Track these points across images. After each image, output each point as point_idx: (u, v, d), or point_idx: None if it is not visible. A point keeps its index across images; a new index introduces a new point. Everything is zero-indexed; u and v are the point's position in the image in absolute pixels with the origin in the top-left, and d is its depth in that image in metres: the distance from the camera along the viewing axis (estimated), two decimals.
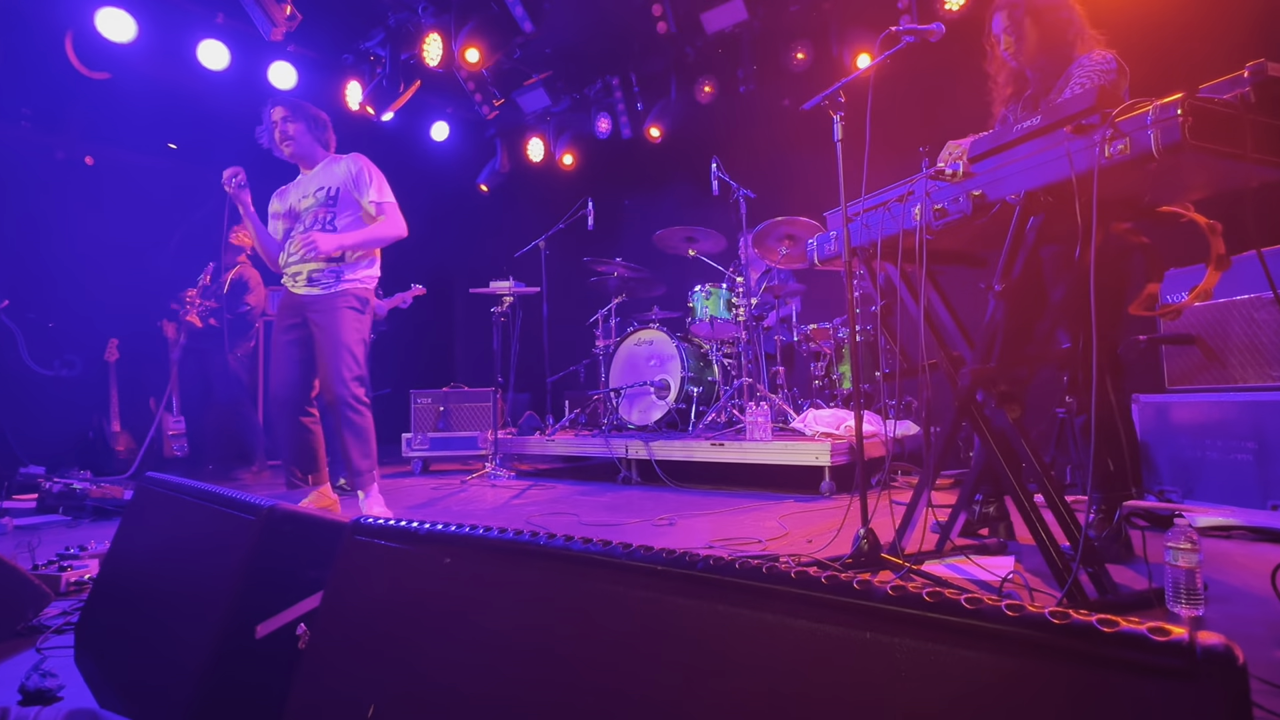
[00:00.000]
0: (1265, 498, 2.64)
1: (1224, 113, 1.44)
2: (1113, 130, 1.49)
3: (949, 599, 0.47)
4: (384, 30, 5.67)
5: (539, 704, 0.65)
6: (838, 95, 2.15)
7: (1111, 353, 2.20)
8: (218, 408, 5.01)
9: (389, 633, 0.82)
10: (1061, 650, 0.42)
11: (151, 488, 1.47)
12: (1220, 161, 1.46)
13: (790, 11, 5.29)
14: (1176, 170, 1.52)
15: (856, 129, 2.13)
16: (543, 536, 0.73)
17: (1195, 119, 1.40)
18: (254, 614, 0.98)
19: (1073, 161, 1.57)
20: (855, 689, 0.49)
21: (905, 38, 2.11)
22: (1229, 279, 2.87)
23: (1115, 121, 1.49)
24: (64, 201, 5.68)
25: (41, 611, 1.69)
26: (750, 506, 3.34)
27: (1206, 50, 3.75)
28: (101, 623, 1.36)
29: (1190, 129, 1.39)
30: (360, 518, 0.95)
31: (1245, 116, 1.44)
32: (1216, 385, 2.95)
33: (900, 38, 2.12)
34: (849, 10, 5.14)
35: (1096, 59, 2.12)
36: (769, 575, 0.55)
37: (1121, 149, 1.48)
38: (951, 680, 0.46)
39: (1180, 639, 0.38)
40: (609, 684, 0.62)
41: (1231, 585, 1.86)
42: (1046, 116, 1.62)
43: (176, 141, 6.27)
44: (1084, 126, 1.55)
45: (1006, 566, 2.03)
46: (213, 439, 5.09)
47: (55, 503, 3.42)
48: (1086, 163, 1.54)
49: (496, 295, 5.01)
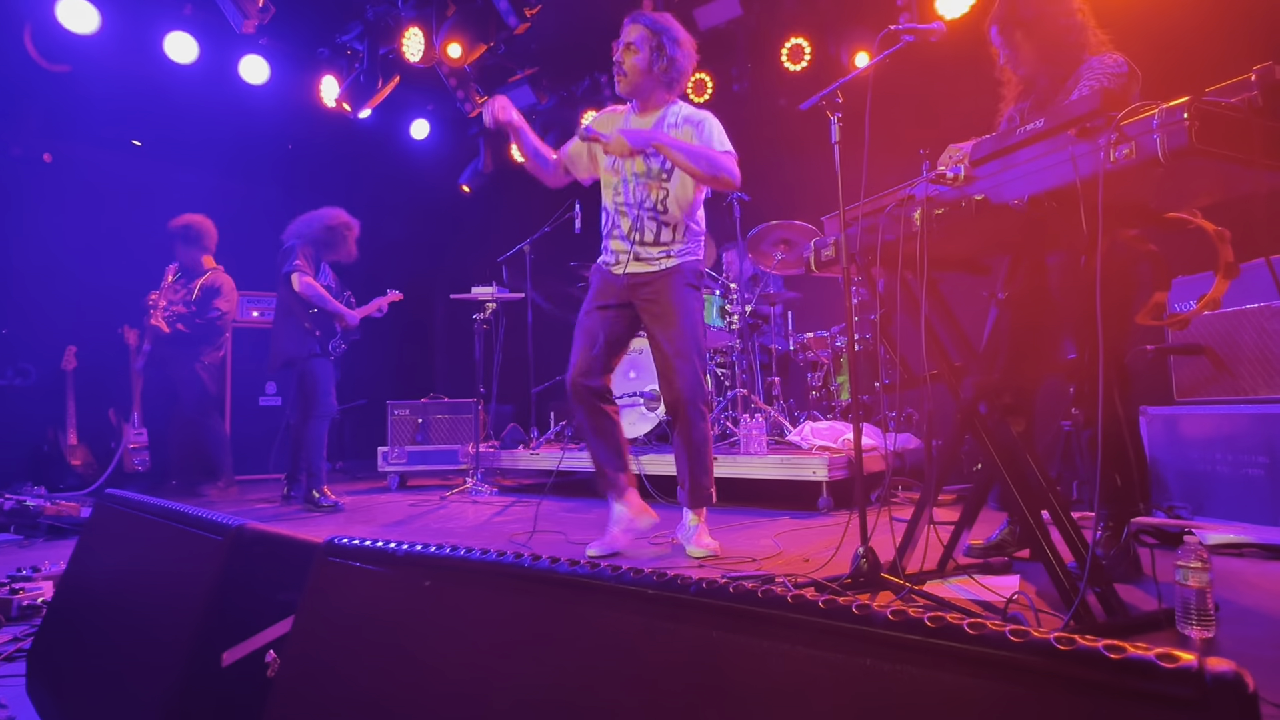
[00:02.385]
0: (1278, 514, 2.67)
1: (1231, 117, 1.46)
2: (1118, 134, 1.52)
3: (951, 624, 0.47)
4: (362, 24, 5.67)
5: None
6: (835, 95, 2.18)
7: (1119, 364, 2.23)
8: (183, 419, 4.95)
9: (364, 659, 0.82)
10: (1067, 678, 0.42)
11: (111, 505, 1.45)
12: (1228, 166, 1.48)
13: (786, 7, 5.34)
14: (1183, 175, 1.54)
15: (855, 130, 2.15)
16: (527, 558, 0.73)
17: (1202, 123, 1.42)
18: (221, 640, 0.97)
19: (1077, 166, 1.59)
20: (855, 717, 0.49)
21: (905, 37, 2.14)
22: (1238, 287, 2.92)
23: (1120, 125, 1.51)
24: (20, 201, 5.63)
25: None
26: (744, 524, 3.34)
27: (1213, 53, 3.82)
28: (56, 650, 1.34)
29: (1197, 133, 1.41)
30: (334, 538, 0.95)
31: (1253, 120, 1.46)
32: (1226, 397, 2.98)
33: (900, 37, 2.15)
34: (847, 7, 5.19)
35: (1108, 62, 2.15)
36: (764, 600, 0.55)
37: (1127, 153, 1.50)
38: (955, 709, 0.46)
39: (1189, 665, 0.39)
40: (598, 712, 0.61)
41: (1244, 606, 1.88)
42: (1050, 119, 1.64)
43: (141, 138, 6.24)
44: (1089, 130, 1.57)
45: (1011, 586, 2.04)
46: (177, 453, 5.03)
47: (6, 520, 3.37)
48: (1091, 167, 1.56)
49: (479, 301, 4.99)
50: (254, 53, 5.59)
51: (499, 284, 5.07)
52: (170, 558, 1.14)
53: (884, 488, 2.84)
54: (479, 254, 6.30)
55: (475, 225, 7.60)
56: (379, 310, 4.62)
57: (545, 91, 6.53)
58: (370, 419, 5.56)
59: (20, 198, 5.65)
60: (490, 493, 4.62)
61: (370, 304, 4.55)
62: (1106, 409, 1.85)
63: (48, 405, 5.40)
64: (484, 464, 4.84)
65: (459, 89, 6.04)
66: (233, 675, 0.97)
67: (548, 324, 6.05)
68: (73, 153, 5.89)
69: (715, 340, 4.57)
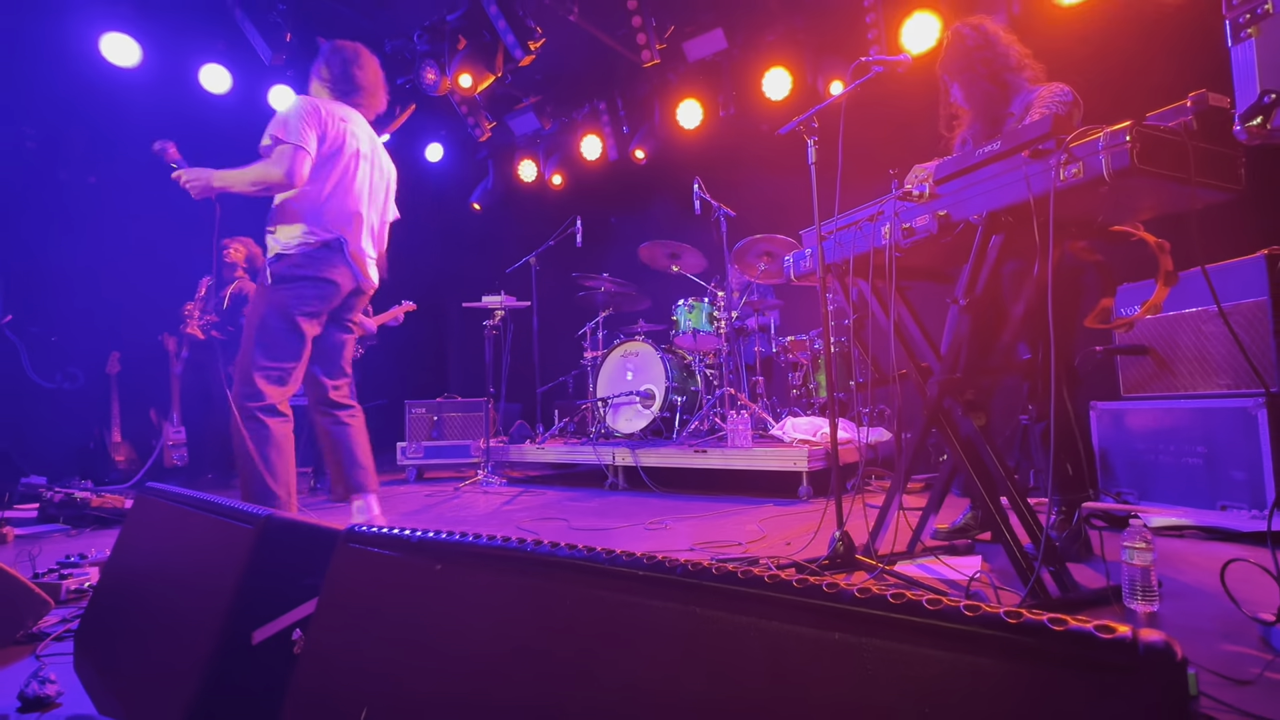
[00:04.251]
0: (1215, 499, 2.68)
1: (1169, 139, 1.48)
2: (1067, 155, 1.53)
3: (912, 600, 0.48)
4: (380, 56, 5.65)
5: (525, 703, 0.65)
6: (811, 121, 2.18)
7: (1069, 364, 2.24)
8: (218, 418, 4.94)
9: (381, 637, 0.82)
10: (1016, 647, 0.43)
11: (151, 497, 1.45)
12: (1166, 184, 1.49)
13: (767, 41, 5.36)
14: (1126, 192, 1.55)
15: (830, 152, 2.16)
16: (529, 544, 0.73)
17: (1143, 145, 1.43)
18: (251, 620, 0.97)
19: (1030, 184, 1.60)
20: (826, 685, 0.50)
21: (875, 68, 2.15)
22: (1177, 294, 2.94)
23: (1069, 147, 1.53)
24: (67, 220, 5.61)
25: (41, 619, 1.65)
26: (731, 510, 3.34)
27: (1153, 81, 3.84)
28: (101, 630, 1.33)
29: (1138, 154, 1.43)
30: (354, 526, 0.95)
31: (1189, 143, 1.48)
32: (1168, 393, 3.00)
33: (870, 67, 2.16)
34: (823, 40, 5.21)
35: (1056, 90, 2.18)
36: (744, 579, 0.55)
37: (1075, 172, 1.51)
38: (916, 676, 0.46)
39: (1124, 636, 0.39)
40: (593, 681, 0.62)
41: (1184, 582, 1.89)
42: (1006, 142, 1.65)
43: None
44: (1041, 151, 1.59)
45: (974, 566, 2.04)
46: (212, 449, 5.02)
47: (56, 512, 3.36)
48: (1043, 185, 1.57)
49: (488, 309, 5.00)
50: (282, 82, 5.58)
51: (507, 293, 5.08)
52: (204, 545, 1.13)
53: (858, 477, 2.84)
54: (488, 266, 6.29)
55: (485, 240, 7.60)
56: (395, 320, 4.61)
57: (548, 117, 6.53)
58: (390, 417, 5.54)
59: (67, 217, 5.63)
60: (500, 484, 4.62)
61: (387, 313, 4.55)
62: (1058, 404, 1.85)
63: (94, 406, 5.37)
64: (494, 457, 4.83)
65: (470, 115, 6.04)
66: (262, 652, 0.96)
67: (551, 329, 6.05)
68: (115, 175, 5.86)
69: (704, 344, 4.57)
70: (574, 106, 6.48)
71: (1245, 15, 1.20)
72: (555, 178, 6.96)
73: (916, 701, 0.46)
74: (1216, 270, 2.81)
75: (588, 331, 5.14)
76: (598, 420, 4.76)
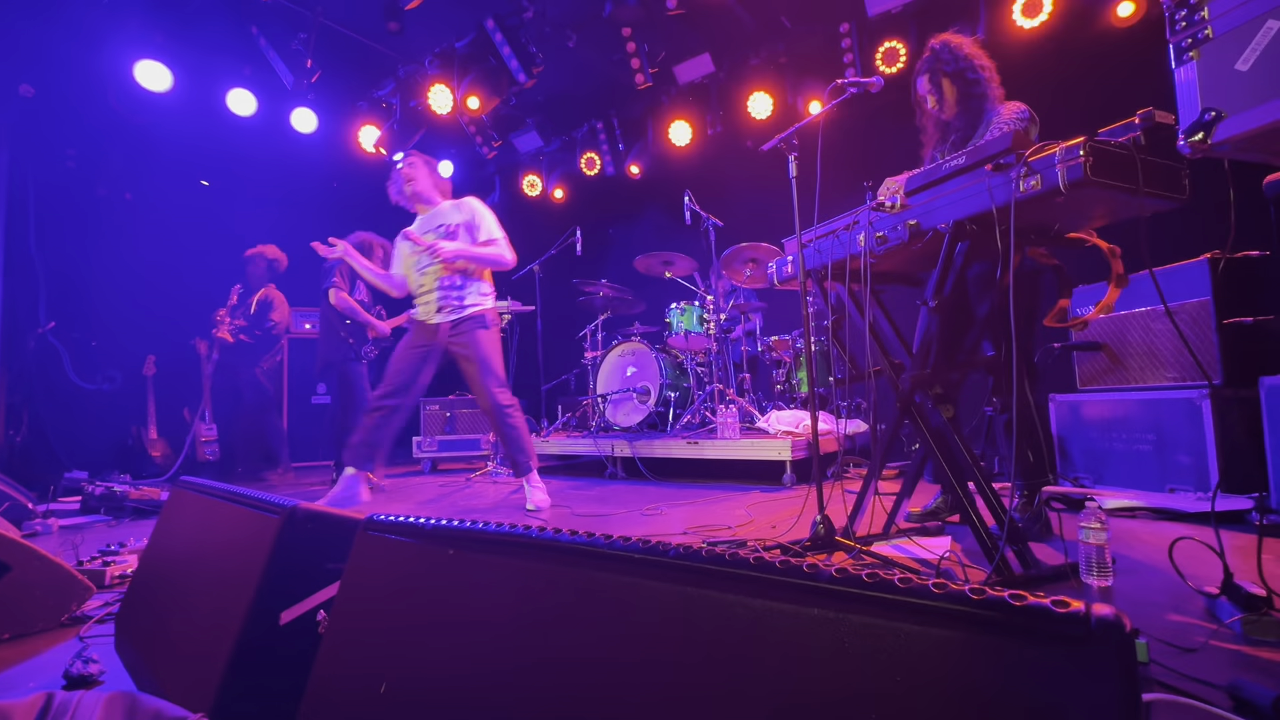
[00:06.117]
0: (1164, 482, 2.69)
1: (1120, 153, 1.48)
2: (1026, 168, 1.53)
3: (884, 579, 0.48)
4: (394, 80, 5.65)
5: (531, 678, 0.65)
6: (792, 138, 2.19)
7: (1029, 359, 2.25)
8: (247, 416, 4.93)
9: (399, 617, 0.82)
10: (979, 621, 0.43)
11: (185, 489, 1.45)
12: (1117, 194, 1.50)
13: (751, 65, 5.36)
14: (1080, 202, 1.56)
15: (809, 167, 2.16)
16: (534, 530, 0.73)
17: (1095, 159, 1.44)
18: (278, 602, 0.97)
19: (993, 195, 1.60)
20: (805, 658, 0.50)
21: (850, 89, 2.15)
22: (1128, 294, 2.95)
23: (1028, 161, 1.53)
24: (105, 233, 5.58)
25: (84, 603, 1.65)
26: (721, 497, 3.34)
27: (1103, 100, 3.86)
28: (140, 612, 1.33)
29: (1091, 167, 1.43)
30: (373, 514, 0.95)
31: (1137, 156, 1.48)
32: (1120, 385, 3.01)
33: (845, 89, 2.16)
34: (803, 64, 5.21)
35: (1014, 108, 2.18)
36: (730, 560, 0.56)
37: (1034, 184, 1.52)
38: (888, 647, 0.46)
39: (1077, 610, 0.40)
40: (593, 656, 0.62)
41: (1136, 559, 1.90)
42: (970, 156, 1.66)
43: (208, 179, 6.19)
44: (1002, 165, 1.59)
45: (944, 546, 2.05)
46: (242, 444, 5.00)
47: (97, 504, 3.34)
48: (1005, 196, 1.58)
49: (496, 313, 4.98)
50: (303, 106, 5.55)
51: (513, 298, 5.07)
52: (235, 533, 1.13)
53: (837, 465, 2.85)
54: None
55: None
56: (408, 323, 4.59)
57: (550, 135, 6.52)
58: None
59: (105, 230, 5.60)
60: (509, 475, 4.61)
61: (401, 316, 4.53)
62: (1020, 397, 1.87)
63: (131, 406, 5.35)
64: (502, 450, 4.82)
65: (477, 135, 6.03)
66: (289, 632, 0.96)
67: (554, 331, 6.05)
68: (149, 192, 5.83)
69: (695, 344, 4.58)
70: (574, 126, 6.47)
71: (1187, 40, 1.21)
72: (557, 191, 6.95)
73: (889, 670, 0.46)
74: (1164, 273, 2.83)
75: (588, 333, 5.14)
76: (598, 415, 4.76)
